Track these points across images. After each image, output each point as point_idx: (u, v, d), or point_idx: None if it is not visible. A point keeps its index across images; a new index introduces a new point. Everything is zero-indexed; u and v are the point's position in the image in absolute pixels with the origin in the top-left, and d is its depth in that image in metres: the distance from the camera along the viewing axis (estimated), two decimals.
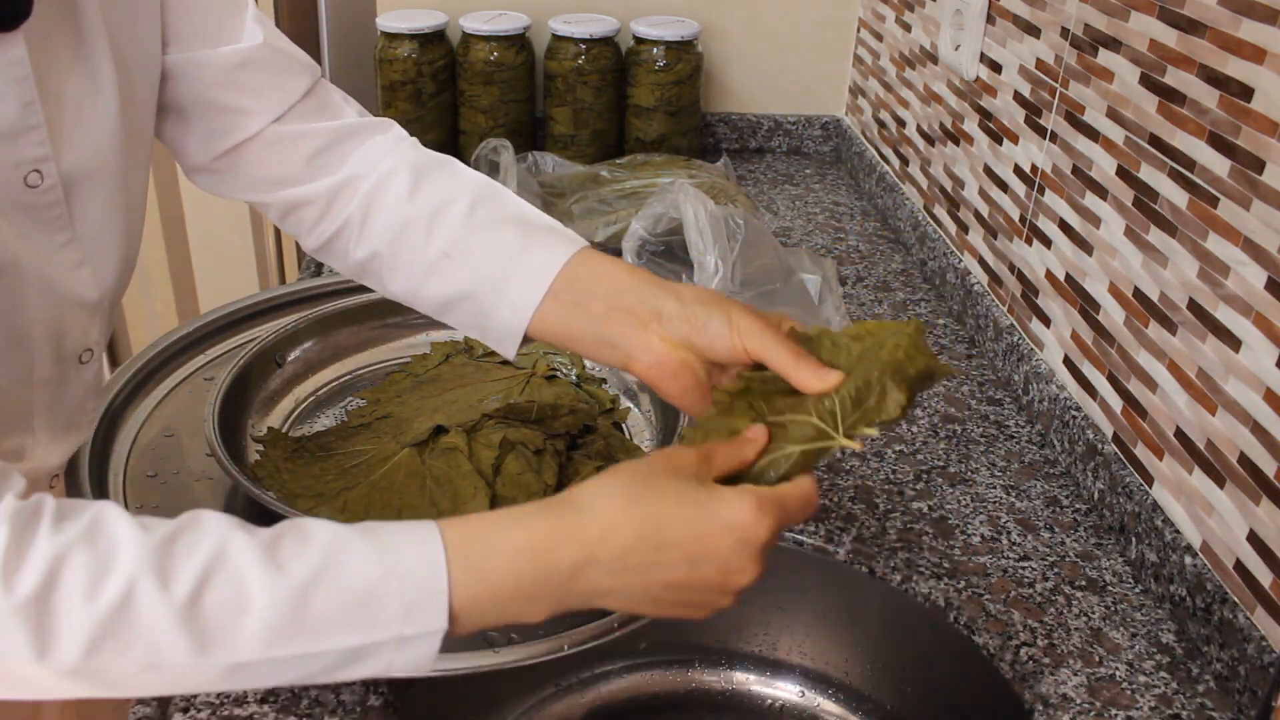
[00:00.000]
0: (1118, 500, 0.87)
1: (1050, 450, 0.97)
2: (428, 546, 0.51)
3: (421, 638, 0.51)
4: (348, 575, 0.50)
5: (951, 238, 1.27)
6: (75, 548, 0.48)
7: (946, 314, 1.22)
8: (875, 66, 1.56)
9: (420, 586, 0.50)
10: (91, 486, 0.78)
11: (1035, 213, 1.05)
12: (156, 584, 0.48)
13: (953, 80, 1.26)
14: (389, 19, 1.49)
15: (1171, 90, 0.82)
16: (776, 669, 0.93)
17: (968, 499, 0.90)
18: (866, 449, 0.96)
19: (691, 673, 0.94)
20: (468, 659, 0.66)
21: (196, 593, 0.48)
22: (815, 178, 1.62)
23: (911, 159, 1.41)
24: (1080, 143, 0.96)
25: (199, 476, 0.83)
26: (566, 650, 0.67)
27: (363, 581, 0.50)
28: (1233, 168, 0.75)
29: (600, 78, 1.52)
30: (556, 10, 1.57)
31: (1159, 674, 0.74)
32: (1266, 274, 0.72)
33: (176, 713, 0.67)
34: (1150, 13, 0.85)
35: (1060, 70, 1.00)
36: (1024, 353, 1.04)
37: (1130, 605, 0.80)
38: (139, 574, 0.48)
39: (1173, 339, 0.82)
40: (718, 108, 1.70)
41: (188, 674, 0.49)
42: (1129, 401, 0.88)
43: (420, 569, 0.51)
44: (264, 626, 0.48)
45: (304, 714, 0.67)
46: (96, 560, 0.48)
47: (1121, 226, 0.89)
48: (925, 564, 0.83)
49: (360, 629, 0.50)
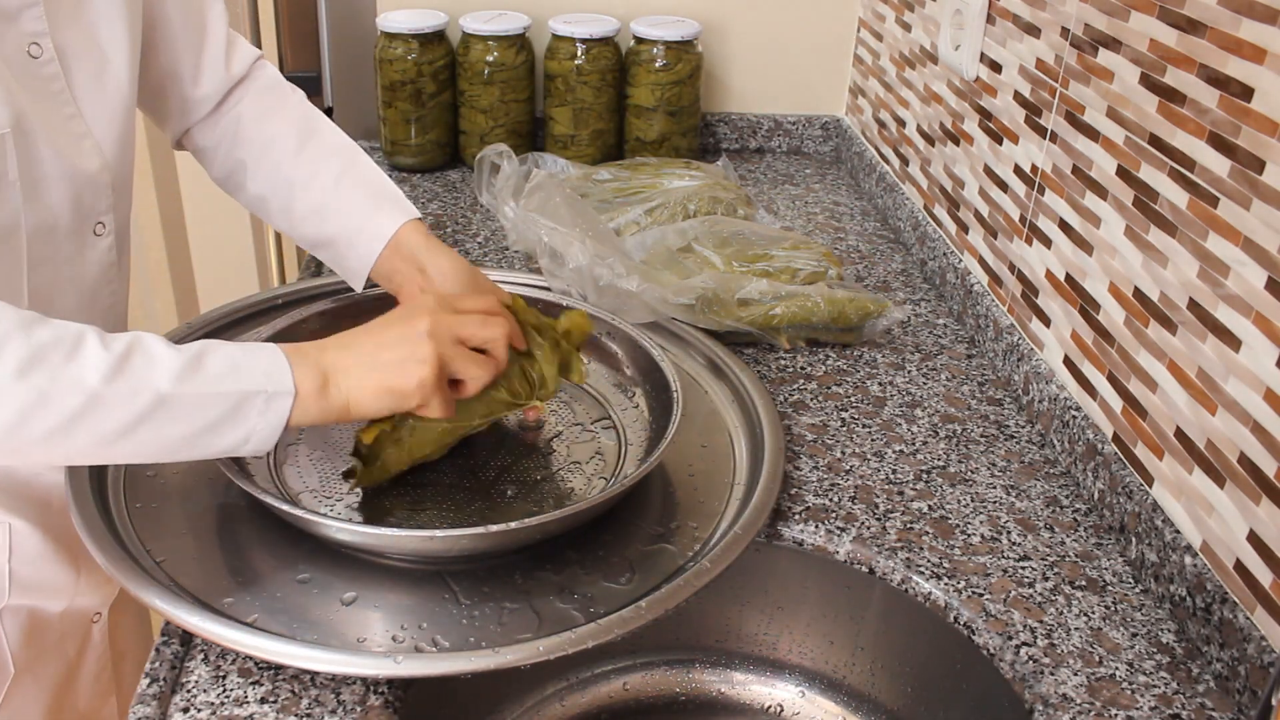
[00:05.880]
0: (1118, 500, 0.87)
1: (1050, 450, 0.97)
2: (266, 344, 0.72)
3: (279, 397, 0.69)
4: (225, 350, 0.70)
5: (951, 238, 1.27)
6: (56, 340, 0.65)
7: (947, 314, 1.22)
8: (875, 66, 1.56)
9: (269, 357, 0.70)
10: (92, 486, 0.78)
11: (1035, 213, 1.05)
12: (98, 338, 0.65)
13: (953, 80, 1.26)
14: (389, 19, 1.49)
15: (1171, 90, 0.82)
16: (776, 669, 0.93)
17: (968, 499, 0.90)
18: (866, 449, 0.96)
19: (691, 673, 0.94)
20: (468, 659, 0.67)
21: (125, 352, 0.66)
22: (815, 178, 1.62)
23: (911, 159, 1.41)
24: (1080, 143, 0.96)
25: (199, 476, 0.83)
26: (566, 650, 0.67)
27: (232, 353, 0.70)
28: (1233, 168, 0.75)
29: (600, 78, 1.52)
30: (556, 10, 1.57)
31: (1159, 674, 0.74)
32: (1266, 274, 0.72)
33: (177, 713, 0.67)
34: (1150, 13, 0.85)
35: (1060, 70, 1.00)
36: (1024, 353, 1.04)
37: (1130, 605, 0.80)
38: (85, 328, 0.66)
39: (1173, 339, 0.82)
40: (718, 108, 1.70)
41: (124, 401, 0.65)
42: (1129, 401, 0.88)
43: (265, 350, 0.71)
44: (172, 372, 0.66)
45: (304, 714, 0.67)
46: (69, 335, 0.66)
47: (1121, 226, 0.89)
48: (925, 564, 0.83)
49: (237, 378, 0.68)
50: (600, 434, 0.92)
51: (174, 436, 0.67)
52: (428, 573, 0.76)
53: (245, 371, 0.69)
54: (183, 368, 0.67)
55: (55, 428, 0.63)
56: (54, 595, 0.88)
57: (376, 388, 0.72)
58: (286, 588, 0.73)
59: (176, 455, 0.69)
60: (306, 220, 0.92)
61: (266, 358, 0.70)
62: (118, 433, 0.65)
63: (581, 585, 0.75)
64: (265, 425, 0.69)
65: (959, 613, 0.79)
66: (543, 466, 0.88)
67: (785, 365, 1.09)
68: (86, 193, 0.80)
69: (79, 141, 0.79)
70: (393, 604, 0.73)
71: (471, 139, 1.56)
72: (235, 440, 0.69)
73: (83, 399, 0.63)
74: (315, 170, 0.92)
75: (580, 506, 0.76)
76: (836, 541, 0.85)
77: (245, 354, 0.70)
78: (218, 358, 0.69)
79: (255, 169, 0.93)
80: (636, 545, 0.79)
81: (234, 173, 0.95)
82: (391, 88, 1.51)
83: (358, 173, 0.93)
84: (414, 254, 0.89)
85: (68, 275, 0.82)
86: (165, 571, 0.73)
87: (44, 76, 0.75)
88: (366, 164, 0.94)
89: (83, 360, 0.64)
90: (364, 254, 0.90)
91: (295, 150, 0.92)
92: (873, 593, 0.86)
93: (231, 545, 0.77)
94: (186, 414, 0.67)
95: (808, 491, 0.90)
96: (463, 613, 0.72)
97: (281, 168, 0.92)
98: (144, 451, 0.68)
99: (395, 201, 0.92)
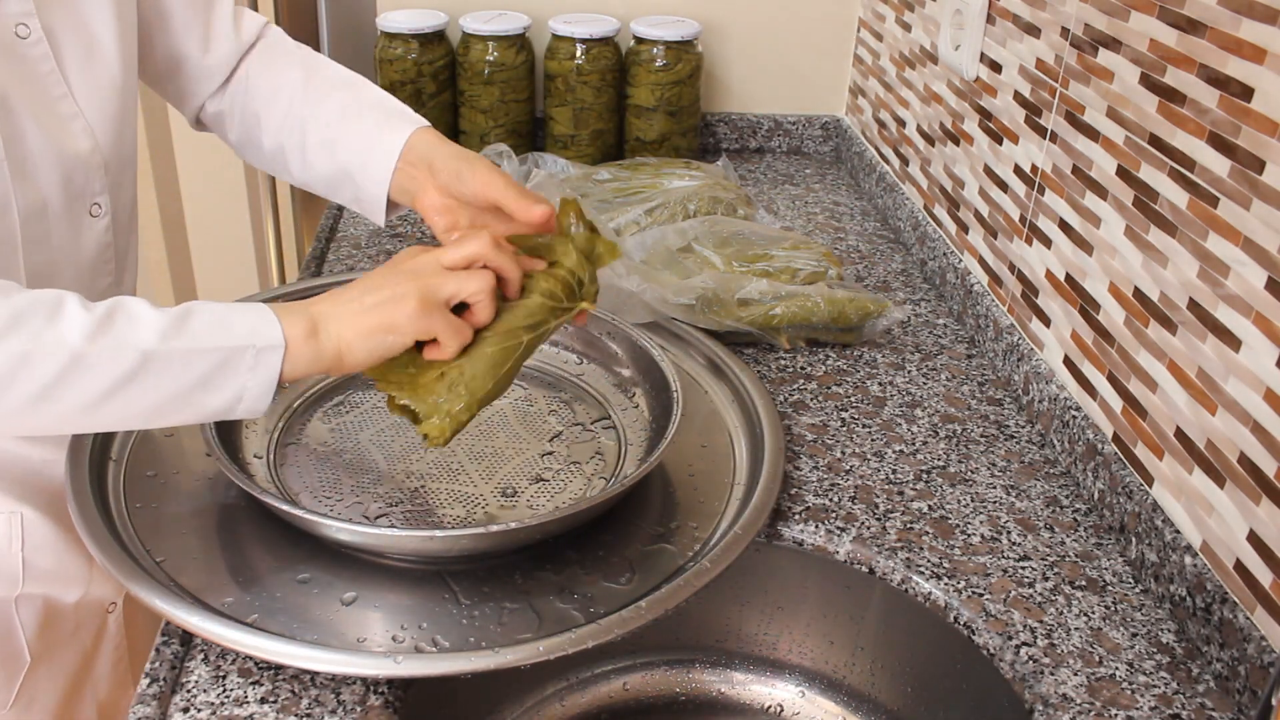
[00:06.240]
0: (1118, 500, 0.87)
1: (1050, 450, 0.97)
2: (254, 303, 0.71)
3: (269, 351, 0.68)
4: (207, 309, 0.69)
5: (951, 238, 1.27)
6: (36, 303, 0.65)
7: (947, 314, 1.22)
8: (875, 66, 1.56)
9: (256, 314, 0.69)
10: (92, 485, 0.78)
11: (1035, 213, 1.05)
12: (79, 301, 0.65)
13: (953, 80, 1.26)
14: (389, 19, 1.49)
15: (1171, 90, 0.82)
16: (776, 669, 0.93)
17: (968, 499, 0.90)
18: (866, 449, 0.96)
19: (691, 673, 0.94)
20: (468, 659, 0.67)
21: (107, 312, 0.65)
22: (815, 178, 1.62)
23: (911, 159, 1.41)
24: (1080, 143, 0.96)
25: (199, 476, 0.83)
26: (566, 650, 0.67)
27: (219, 311, 0.69)
28: (1233, 168, 0.75)
29: (600, 78, 1.52)
30: (556, 10, 1.57)
31: (1159, 674, 0.74)
32: (1266, 274, 0.72)
33: (177, 713, 0.67)
34: (1150, 13, 0.85)
35: (1060, 70, 1.00)
36: (1024, 353, 1.04)
37: (1130, 605, 0.80)
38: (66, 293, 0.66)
39: (1173, 339, 0.82)
40: (718, 108, 1.70)
41: (108, 360, 0.64)
42: (1129, 401, 0.88)
43: (253, 308, 0.70)
44: (156, 329, 0.66)
45: (304, 714, 0.67)
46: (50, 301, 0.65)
47: (1121, 226, 0.89)
48: (925, 564, 0.83)
49: (224, 335, 0.67)
50: (600, 434, 0.92)
51: (162, 395, 0.66)
52: (428, 573, 0.76)
53: (232, 327, 0.68)
54: (168, 325, 0.66)
55: (39, 390, 0.63)
56: (68, 584, 0.88)
57: (366, 328, 0.71)
58: (286, 588, 0.73)
59: (168, 418, 0.68)
60: (319, 157, 0.90)
61: (254, 314, 0.70)
62: (104, 393, 0.65)
63: (581, 585, 0.75)
64: (257, 382, 0.68)
65: (959, 613, 0.79)
66: (543, 466, 0.88)
67: (785, 365, 1.09)
68: (78, 173, 0.80)
69: (69, 122, 0.79)
70: (393, 604, 0.73)
71: (471, 139, 1.56)
72: (227, 398, 0.68)
73: (65, 358, 0.63)
74: (322, 104, 0.90)
75: (580, 506, 0.76)
76: (836, 541, 0.85)
77: (232, 311, 0.69)
78: (204, 315, 0.68)
79: (267, 118, 0.91)
80: (636, 545, 0.79)
81: (249, 129, 0.93)
82: (391, 88, 1.51)
83: (364, 98, 0.90)
84: (424, 155, 0.85)
85: (64, 256, 0.82)
86: (165, 571, 0.73)
87: (32, 57, 0.75)
88: (372, 90, 0.92)
89: (64, 321, 0.64)
90: (378, 174, 0.87)
91: (303, 89, 0.90)
92: (873, 593, 0.86)
93: (231, 545, 0.77)
94: (173, 372, 0.66)
95: (808, 491, 0.90)
96: (463, 613, 0.72)
97: (292, 108, 0.90)
98: (132, 412, 0.67)
99: (402, 115, 0.88)
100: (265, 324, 0.69)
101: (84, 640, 0.91)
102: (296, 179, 0.93)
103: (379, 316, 0.71)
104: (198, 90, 0.93)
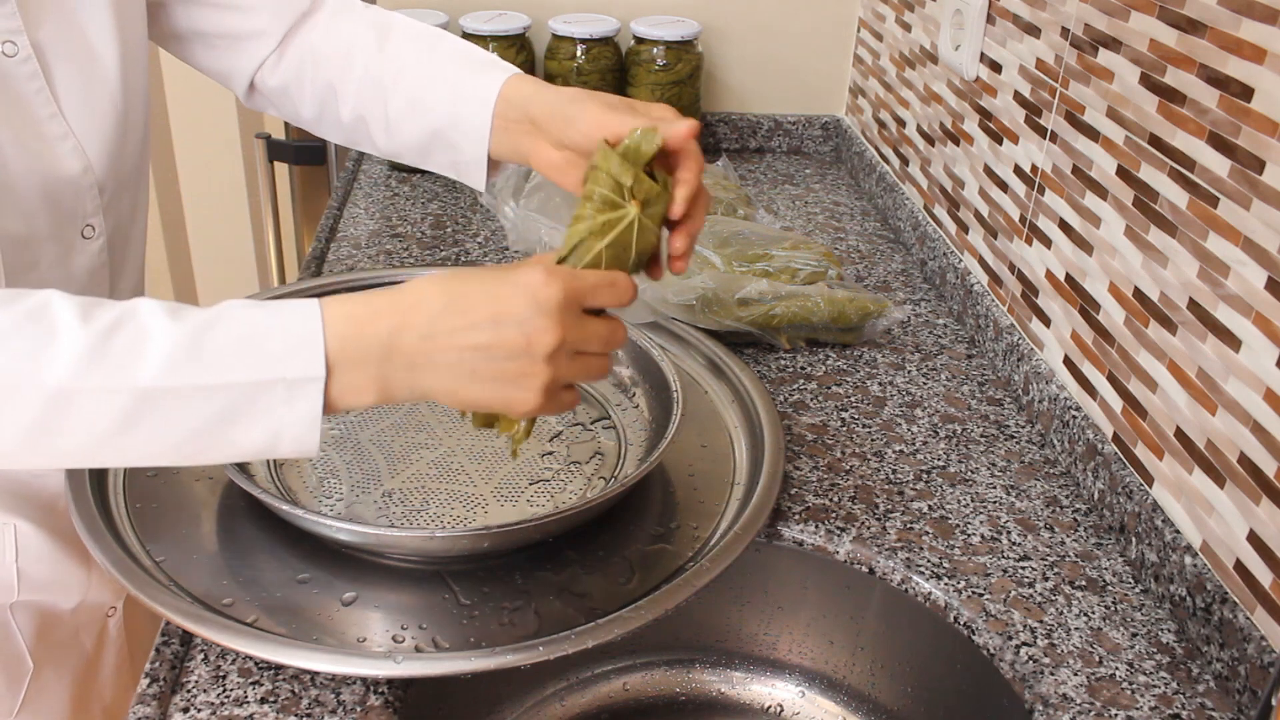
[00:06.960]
0: (1118, 500, 0.87)
1: (1050, 450, 0.97)
2: (307, 305, 0.59)
3: (305, 384, 0.57)
4: (237, 321, 0.58)
5: (951, 238, 1.27)
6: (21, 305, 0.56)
7: (946, 314, 1.22)
8: (875, 66, 1.56)
9: (299, 330, 0.57)
10: (91, 485, 0.78)
11: (1035, 213, 1.05)
12: (78, 315, 0.56)
13: (953, 80, 1.26)
14: None
15: (1171, 90, 0.82)
16: (776, 669, 0.93)
17: (968, 499, 0.90)
18: (866, 449, 0.96)
19: (691, 673, 0.94)
20: (468, 659, 0.67)
21: (108, 330, 0.55)
22: (815, 178, 1.62)
23: (911, 159, 1.41)
24: (1080, 143, 0.96)
25: (199, 476, 0.83)
26: (566, 650, 0.67)
27: (250, 326, 0.57)
28: (1233, 168, 0.75)
29: (600, 78, 1.52)
30: (556, 10, 1.57)
31: (1159, 674, 0.74)
32: (1266, 274, 0.72)
33: (177, 713, 0.67)
34: (1150, 13, 0.85)
35: (1060, 70, 1.00)
36: (1024, 353, 1.04)
37: (1130, 605, 0.80)
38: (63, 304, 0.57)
39: (1173, 339, 0.82)
40: (718, 108, 1.70)
41: (101, 399, 0.55)
42: (1129, 401, 0.88)
43: (298, 319, 0.58)
44: (163, 356, 0.55)
45: (304, 714, 0.67)
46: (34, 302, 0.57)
47: (1121, 226, 0.89)
48: (925, 564, 0.83)
49: (248, 363, 0.56)
50: (600, 434, 0.92)
51: (178, 434, 0.57)
52: (428, 573, 0.76)
53: (262, 348, 0.57)
54: (179, 349, 0.56)
55: (23, 434, 0.55)
56: (65, 592, 0.88)
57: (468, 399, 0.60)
58: (286, 588, 0.73)
59: (197, 458, 0.59)
60: (405, 120, 0.80)
61: (295, 331, 0.57)
62: (101, 435, 0.56)
63: (581, 585, 0.75)
64: (296, 418, 0.57)
65: (959, 613, 0.79)
66: (543, 466, 0.88)
67: (785, 365, 1.09)
68: (67, 196, 0.76)
69: (58, 143, 0.74)
70: (393, 604, 0.73)
71: None
72: (262, 437, 0.58)
73: (47, 398, 0.54)
74: (401, 60, 0.81)
75: (580, 506, 0.76)
76: (836, 541, 0.85)
77: (270, 320, 0.57)
78: (230, 329, 0.57)
79: (343, 86, 0.83)
80: (636, 545, 0.79)
81: (325, 103, 0.84)
82: None
83: (444, 49, 0.81)
84: (520, 107, 0.75)
85: (55, 278, 0.78)
86: (165, 571, 0.73)
87: (18, 76, 0.71)
88: (453, 41, 0.83)
89: (50, 349, 0.54)
90: (474, 132, 0.77)
91: (377, 49, 0.82)
92: (873, 593, 0.86)
93: (231, 545, 0.77)
94: (181, 412, 0.56)
95: (808, 491, 0.90)
96: (463, 613, 0.72)
97: (369, 70, 0.81)
98: (151, 451, 0.58)
99: (492, 65, 0.79)
100: (306, 346, 0.57)
101: (85, 645, 0.91)
102: (383, 150, 0.84)
103: (489, 395, 0.60)
104: (242, 59, 0.85)
